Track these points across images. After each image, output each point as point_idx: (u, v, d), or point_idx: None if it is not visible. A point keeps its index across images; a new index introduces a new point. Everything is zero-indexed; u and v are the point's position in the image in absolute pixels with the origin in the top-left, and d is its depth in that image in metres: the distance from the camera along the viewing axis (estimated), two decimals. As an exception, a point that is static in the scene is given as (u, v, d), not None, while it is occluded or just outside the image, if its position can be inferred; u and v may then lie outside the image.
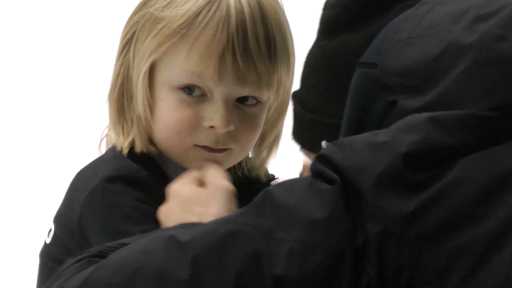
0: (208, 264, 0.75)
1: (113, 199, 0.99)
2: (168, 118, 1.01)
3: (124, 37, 1.03)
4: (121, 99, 1.04)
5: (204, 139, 1.00)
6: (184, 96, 1.00)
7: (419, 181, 0.73)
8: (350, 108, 0.90)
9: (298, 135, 1.07)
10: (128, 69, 1.03)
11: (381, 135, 0.78)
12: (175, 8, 0.98)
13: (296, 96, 1.06)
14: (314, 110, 1.02)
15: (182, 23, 0.98)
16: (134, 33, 1.02)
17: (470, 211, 0.72)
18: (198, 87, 0.99)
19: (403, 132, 0.76)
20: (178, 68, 0.99)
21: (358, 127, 0.87)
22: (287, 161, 1.23)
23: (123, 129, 1.05)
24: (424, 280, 0.71)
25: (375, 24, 0.94)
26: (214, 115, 0.99)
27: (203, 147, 1.01)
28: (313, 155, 0.88)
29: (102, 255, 0.82)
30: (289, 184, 0.80)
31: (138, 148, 1.03)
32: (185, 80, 0.99)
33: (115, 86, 1.04)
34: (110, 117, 1.06)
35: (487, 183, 0.72)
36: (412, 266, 0.72)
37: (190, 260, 0.75)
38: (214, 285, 0.75)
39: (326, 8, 1.00)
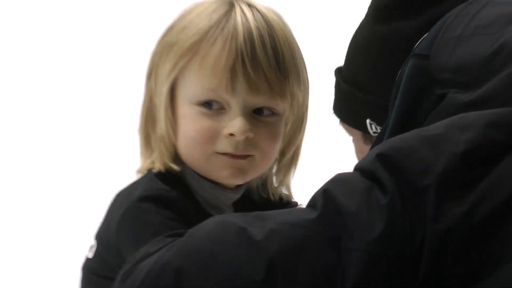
0: (283, 269, 0.79)
1: (145, 217, 1.04)
2: (190, 130, 1.06)
3: (147, 70, 1.10)
4: (147, 125, 1.11)
5: (225, 146, 1.05)
6: (204, 110, 1.06)
7: (472, 177, 0.78)
8: (402, 96, 0.95)
9: (340, 110, 1.13)
10: (151, 97, 1.10)
11: (432, 131, 0.81)
12: (188, 30, 1.05)
13: (340, 71, 1.13)
14: (360, 87, 1.08)
15: (193, 42, 1.04)
16: (154, 62, 1.09)
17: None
18: (215, 101, 1.05)
19: (458, 131, 0.79)
20: (194, 85, 1.05)
21: (408, 115, 0.93)
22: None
23: (147, 152, 1.12)
24: (475, 267, 0.76)
25: (428, 13, 1.00)
26: (232, 123, 1.04)
27: (225, 154, 1.06)
28: (354, 131, 1.09)
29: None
30: (346, 185, 0.82)
31: (158, 167, 1.08)
32: (203, 97, 1.05)
33: (143, 116, 1.12)
34: (139, 144, 1.13)
35: None
36: (467, 257, 0.76)
37: (265, 261, 0.79)
38: None
39: None
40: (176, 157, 1.10)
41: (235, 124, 1.04)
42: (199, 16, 1.06)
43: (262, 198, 1.17)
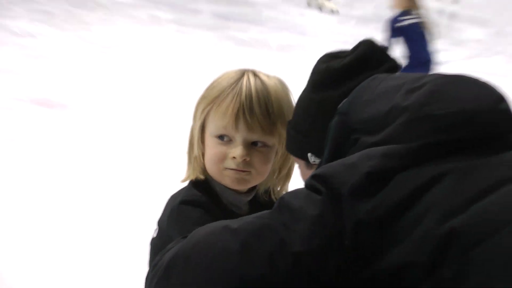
0: (252, 244, 1.18)
1: (185, 214, 1.56)
2: (210, 154, 1.59)
3: (193, 114, 1.61)
4: (190, 149, 1.64)
5: (231, 164, 1.56)
6: (218, 140, 1.57)
7: (373, 189, 1.14)
8: (331, 141, 1.33)
9: (291, 148, 1.51)
10: (192, 131, 1.62)
11: (350, 161, 1.19)
12: (213, 89, 1.57)
13: (290, 123, 1.51)
14: (305, 134, 1.45)
15: (214, 96, 1.55)
16: (195, 109, 1.60)
17: (403, 205, 1.12)
18: (225, 135, 1.56)
19: (366, 159, 1.17)
20: (214, 124, 1.56)
21: (335, 154, 1.30)
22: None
23: (189, 167, 1.64)
24: (377, 246, 1.11)
25: (347, 85, 1.37)
26: (235, 150, 1.56)
27: (231, 169, 1.57)
28: (300, 160, 1.48)
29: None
30: (294, 193, 1.23)
31: (191, 177, 1.63)
32: (218, 132, 1.56)
33: (188, 143, 1.64)
34: (186, 161, 1.66)
35: (411, 189, 1.12)
36: (371, 238, 1.12)
37: (240, 242, 1.19)
38: (255, 259, 1.17)
39: (313, 73, 1.45)
40: (205, 171, 1.62)
41: (236, 151, 1.54)
42: (222, 81, 1.56)
43: (266, 200, 1.67)
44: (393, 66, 1.43)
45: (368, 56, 1.41)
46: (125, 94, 6.54)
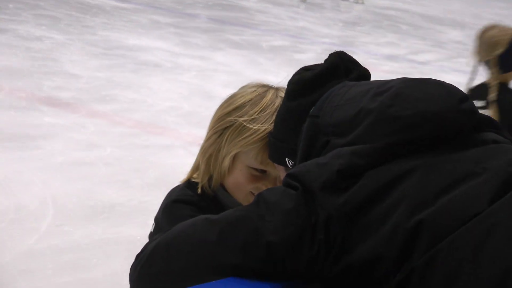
0: (228, 234, 1.21)
1: (177, 211, 1.61)
2: (240, 181, 1.65)
3: (218, 127, 1.67)
4: (210, 158, 1.67)
5: (257, 190, 1.59)
6: (254, 172, 1.63)
7: (344, 185, 1.17)
8: (303, 142, 1.35)
9: (272, 155, 1.54)
10: (220, 147, 1.65)
11: (322, 160, 1.22)
12: (258, 124, 1.61)
13: (271, 133, 1.55)
14: (282, 140, 1.48)
15: (261, 137, 1.60)
16: (226, 128, 1.65)
17: (372, 200, 1.14)
18: (265, 170, 1.63)
19: (336, 158, 1.20)
20: (254, 158, 1.62)
21: (307, 154, 1.33)
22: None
23: (206, 174, 1.68)
24: (348, 239, 1.13)
25: (317, 92, 1.40)
26: (268, 184, 1.62)
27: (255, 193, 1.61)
28: (280, 167, 1.51)
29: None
30: (272, 189, 1.26)
31: (205, 186, 1.67)
32: (258, 166, 1.62)
33: (208, 148, 1.67)
34: (201, 165, 1.68)
35: (380, 184, 1.15)
36: (342, 232, 1.14)
37: (218, 231, 1.22)
38: (230, 248, 1.19)
39: (289, 84, 1.48)
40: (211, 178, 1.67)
41: (269, 185, 1.59)
42: (265, 107, 1.62)
43: None
44: (362, 74, 1.45)
45: (337, 65, 1.43)
46: (128, 93, 6.63)
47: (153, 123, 5.84)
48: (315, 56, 9.69)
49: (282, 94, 1.60)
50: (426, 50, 12.02)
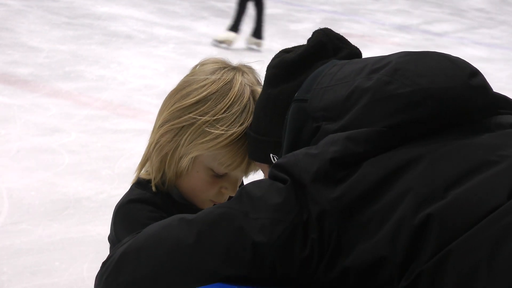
0: (208, 235, 1.20)
1: (135, 212, 1.56)
2: (198, 184, 1.60)
3: (176, 123, 1.59)
4: (166, 156, 1.60)
5: (217, 197, 1.62)
6: (213, 173, 1.58)
7: (339, 176, 1.16)
8: (289, 131, 1.35)
9: (252, 153, 1.51)
10: (178, 145, 1.58)
11: (313, 149, 1.21)
12: (224, 125, 1.54)
13: (250, 127, 1.51)
14: (264, 133, 1.45)
15: (228, 142, 1.52)
16: (186, 126, 1.57)
17: (372, 193, 1.14)
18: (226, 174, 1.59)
19: (329, 145, 1.19)
20: (216, 160, 1.56)
21: (294, 144, 1.32)
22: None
23: (158, 172, 1.62)
24: (345, 238, 1.13)
25: (301, 77, 1.38)
26: (229, 185, 1.60)
27: (214, 200, 1.63)
28: (264, 165, 1.48)
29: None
30: (257, 182, 1.25)
31: (158, 184, 1.62)
32: (220, 171, 1.57)
33: (165, 146, 1.60)
34: (153, 161, 1.63)
35: (381, 175, 1.14)
36: (338, 230, 1.14)
37: (196, 232, 1.20)
38: (211, 251, 1.19)
39: (268, 69, 1.46)
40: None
41: (230, 186, 1.60)
42: (232, 99, 1.55)
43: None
44: (353, 53, 1.43)
45: (323, 43, 1.41)
46: (96, 69, 6.62)
47: (125, 104, 5.85)
48: (314, 26, 9.65)
49: (250, 78, 1.59)
50: (443, 19, 12.06)
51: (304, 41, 1.48)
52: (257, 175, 1.59)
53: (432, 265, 1.06)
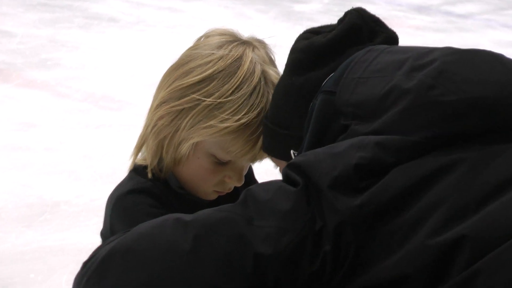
0: (205, 240, 1.18)
1: (134, 205, 1.55)
2: (200, 171, 1.60)
3: (177, 105, 1.58)
4: (164, 140, 1.59)
5: (222, 187, 1.65)
6: (216, 160, 1.58)
7: (362, 185, 1.15)
8: (313, 126, 1.34)
9: (269, 147, 1.51)
10: (177, 130, 1.57)
11: (337, 149, 1.20)
12: (230, 110, 1.53)
13: (267, 117, 1.50)
14: (284, 127, 1.44)
15: (235, 128, 1.51)
16: (188, 108, 1.56)
17: (398, 203, 1.13)
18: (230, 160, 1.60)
19: (356, 149, 1.18)
20: (219, 146, 1.55)
21: (318, 140, 1.31)
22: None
23: (155, 157, 1.61)
24: (364, 253, 1.13)
25: (330, 65, 1.37)
26: (234, 175, 1.62)
27: (218, 191, 1.67)
28: (282, 162, 1.46)
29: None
30: (265, 185, 1.24)
31: (155, 170, 1.63)
32: (224, 158, 1.57)
33: (163, 129, 1.59)
34: (150, 145, 1.62)
35: (410, 183, 1.14)
36: (357, 242, 1.13)
37: (192, 236, 1.19)
38: (207, 259, 1.17)
39: (293, 52, 1.44)
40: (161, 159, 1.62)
41: (235, 176, 1.62)
42: (239, 84, 1.55)
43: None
44: (391, 37, 1.42)
45: (358, 26, 1.40)
46: (76, 56, 6.63)
47: (108, 96, 5.84)
48: (321, 7, 9.68)
49: (261, 55, 1.56)
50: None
51: (311, 24, 1.46)
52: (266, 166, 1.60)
53: (456, 285, 1.06)
